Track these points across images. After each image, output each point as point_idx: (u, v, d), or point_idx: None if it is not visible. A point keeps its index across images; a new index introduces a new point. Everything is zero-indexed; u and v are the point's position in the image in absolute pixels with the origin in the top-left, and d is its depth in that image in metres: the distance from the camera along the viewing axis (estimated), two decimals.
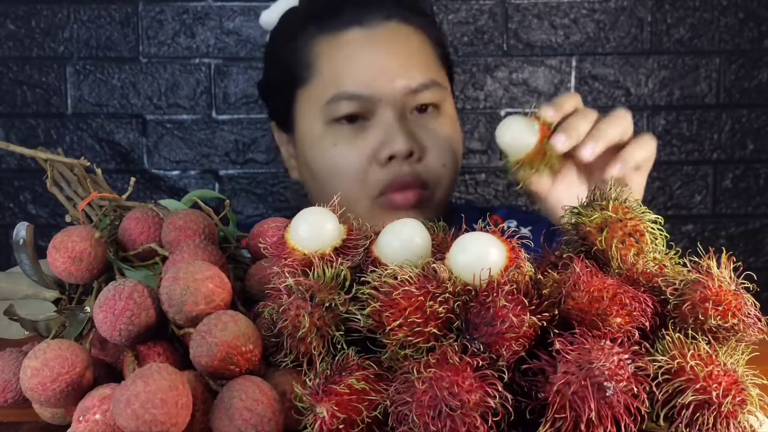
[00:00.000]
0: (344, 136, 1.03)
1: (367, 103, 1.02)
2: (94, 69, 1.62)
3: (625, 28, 1.66)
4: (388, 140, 1.00)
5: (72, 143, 1.63)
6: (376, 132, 1.02)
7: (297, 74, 1.07)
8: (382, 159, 1.00)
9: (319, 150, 1.04)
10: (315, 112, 1.05)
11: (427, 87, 1.04)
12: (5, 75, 1.61)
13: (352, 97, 1.02)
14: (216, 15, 1.62)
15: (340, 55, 1.04)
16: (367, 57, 1.04)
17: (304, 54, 1.07)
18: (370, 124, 1.02)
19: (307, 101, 1.06)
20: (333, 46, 1.05)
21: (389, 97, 1.02)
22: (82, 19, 1.61)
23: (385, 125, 1.01)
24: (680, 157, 1.68)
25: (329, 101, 1.03)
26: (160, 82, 1.63)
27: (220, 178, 1.65)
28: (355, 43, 1.04)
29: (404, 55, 1.05)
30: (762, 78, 1.67)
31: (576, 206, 0.58)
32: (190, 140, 1.64)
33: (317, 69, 1.05)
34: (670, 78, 1.66)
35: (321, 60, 1.05)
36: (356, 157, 1.02)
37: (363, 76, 1.02)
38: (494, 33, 1.65)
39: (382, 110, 1.02)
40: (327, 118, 1.03)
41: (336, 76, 1.03)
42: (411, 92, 1.03)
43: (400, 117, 1.02)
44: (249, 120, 1.64)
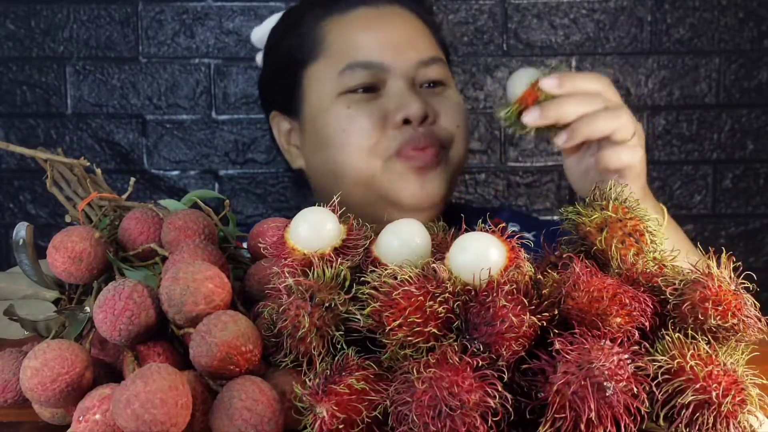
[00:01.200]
0: (358, 100, 1.04)
1: (379, 72, 1.04)
2: (94, 69, 1.62)
3: (625, 28, 1.66)
4: (402, 104, 1.02)
5: (72, 143, 1.63)
6: (389, 100, 1.03)
7: (304, 55, 1.09)
8: (397, 121, 1.01)
9: (331, 115, 1.05)
10: (327, 85, 1.06)
11: (435, 61, 1.07)
12: (5, 75, 1.61)
13: (366, 65, 1.04)
14: (216, 15, 1.62)
15: (351, 28, 1.07)
16: (376, 31, 1.07)
17: (310, 36, 1.09)
18: (382, 93, 1.04)
19: (318, 76, 1.07)
20: (342, 22, 1.08)
21: (401, 68, 1.04)
22: (81, 19, 1.61)
23: (397, 93, 1.03)
24: (680, 157, 1.68)
25: (343, 70, 1.04)
26: (159, 82, 1.63)
27: (220, 178, 1.65)
28: (364, 19, 1.08)
29: (411, 32, 1.08)
30: (762, 78, 1.67)
31: (576, 206, 0.58)
32: (189, 140, 1.64)
33: (327, 45, 1.07)
34: (670, 78, 1.66)
35: (330, 36, 1.07)
36: (369, 117, 1.02)
37: (375, 46, 1.05)
38: (494, 33, 1.65)
39: (393, 81, 1.04)
40: (341, 88, 1.04)
41: (348, 47, 1.06)
42: (421, 64, 1.05)
43: (411, 86, 1.04)
44: (249, 120, 1.64)
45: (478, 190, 1.68)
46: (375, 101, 1.04)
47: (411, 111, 1.01)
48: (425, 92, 1.06)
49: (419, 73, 1.05)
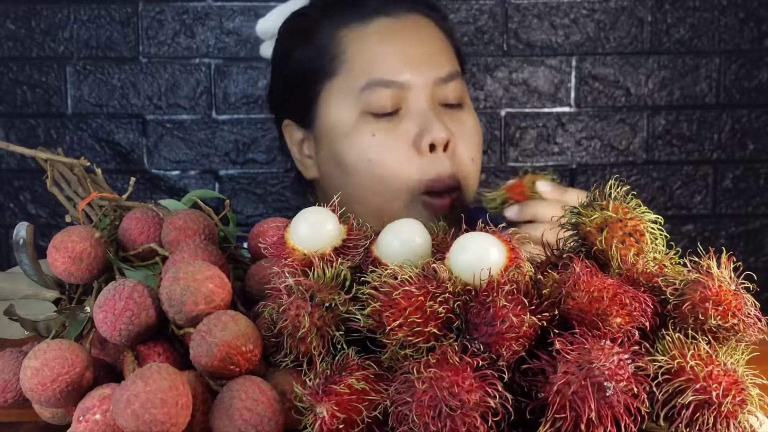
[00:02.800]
0: (381, 128, 1.02)
1: (400, 90, 1.02)
2: (94, 69, 1.62)
3: (625, 28, 1.65)
4: (426, 128, 1.00)
5: (72, 143, 1.63)
6: (410, 121, 1.02)
7: (321, 68, 1.06)
8: (423, 148, 1.00)
9: (354, 142, 1.03)
10: (348, 102, 1.04)
11: (454, 77, 1.06)
12: (5, 75, 1.61)
13: (386, 83, 1.02)
14: (216, 15, 1.62)
15: (370, 42, 1.05)
16: (396, 44, 1.05)
17: (327, 47, 1.06)
18: (402, 113, 1.03)
19: (338, 92, 1.05)
20: (361, 34, 1.05)
21: (421, 85, 1.03)
22: (82, 19, 1.61)
23: (418, 114, 1.02)
24: (680, 157, 1.68)
25: (364, 88, 1.02)
26: (160, 82, 1.63)
27: (220, 178, 1.65)
28: (384, 31, 1.06)
29: (431, 46, 1.07)
30: (762, 78, 1.67)
31: (576, 206, 0.58)
32: (190, 140, 1.64)
33: (346, 59, 1.05)
34: (670, 78, 1.66)
35: (350, 50, 1.05)
36: (396, 146, 1.01)
37: (395, 62, 1.03)
38: (494, 33, 1.65)
39: (413, 98, 1.02)
40: (363, 107, 1.02)
41: (368, 63, 1.04)
42: (440, 81, 1.04)
43: (431, 105, 1.03)
44: (249, 120, 1.64)
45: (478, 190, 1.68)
46: (397, 126, 1.02)
47: (434, 136, 1.00)
48: (443, 113, 1.04)
49: (437, 91, 1.04)
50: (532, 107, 1.66)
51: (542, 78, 1.66)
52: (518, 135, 1.67)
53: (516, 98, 1.66)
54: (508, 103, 1.66)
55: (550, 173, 0.99)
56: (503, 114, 1.66)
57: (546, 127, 1.67)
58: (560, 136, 1.67)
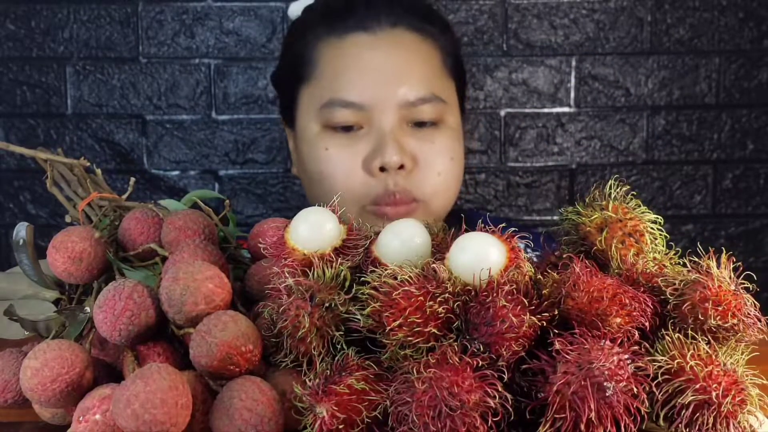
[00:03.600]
0: (337, 143, 1.02)
1: (361, 111, 1.01)
2: (94, 69, 1.62)
3: (625, 28, 1.65)
4: (379, 150, 1.00)
5: (72, 143, 1.63)
6: (368, 141, 1.01)
7: (301, 71, 1.08)
8: (373, 169, 1.00)
9: (312, 151, 1.05)
10: (312, 113, 1.05)
11: (426, 101, 1.03)
12: (5, 75, 1.61)
13: (347, 104, 1.02)
14: (216, 15, 1.62)
15: (341, 58, 1.04)
16: (366, 63, 1.03)
17: (309, 52, 1.07)
18: (363, 132, 1.02)
19: (307, 100, 1.07)
20: (336, 48, 1.05)
21: (384, 107, 1.01)
22: (82, 19, 1.61)
23: (378, 135, 1.01)
24: (680, 157, 1.68)
25: (324, 105, 1.03)
26: (159, 83, 1.63)
27: (220, 178, 1.65)
28: (357, 48, 1.04)
29: (405, 65, 1.04)
30: (762, 78, 1.67)
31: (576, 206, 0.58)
32: (189, 140, 1.64)
33: (319, 70, 1.05)
34: (670, 78, 1.66)
35: (323, 61, 1.05)
36: (346, 164, 1.01)
37: (360, 83, 1.02)
38: (494, 33, 1.65)
39: (377, 119, 1.01)
40: (323, 121, 1.03)
41: (334, 81, 1.03)
42: (408, 104, 1.02)
43: (394, 127, 1.01)
44: (249, 120, 1.64)
45: (478, 190, 1.68)
46: (354, 143, 1.02)
47: (386, 159, 0.99)
48: (412, 133, 1.02)
49: (406, 112, 1.02)
50: (531, 107, 1.66)
51: (542, 78, 1.66)
52: (518, 135, 1.67)
53: (516, 98, 1.66)
54: (508, 103, 1.66)
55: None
56: (503, 114, 1.66)
57: (546, 128, 1.67)
58: (560, 136, 1.67)
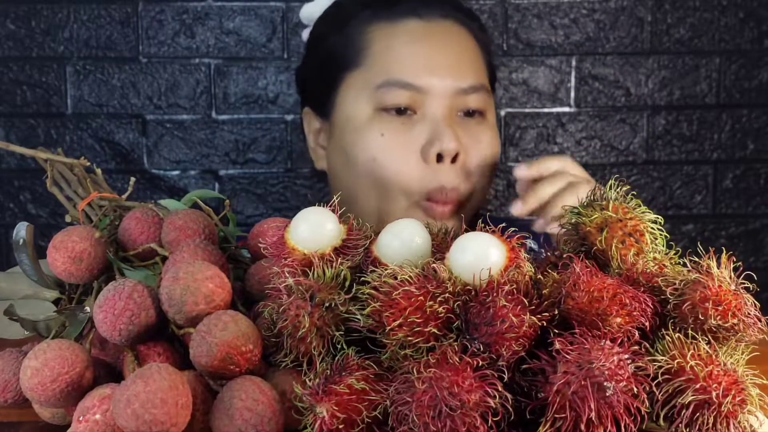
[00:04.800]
0: (392, 128, 1.01)
1: (417, 94, 1.01)
2: (94, 69, 1.62)
3: (625, 28, 1.65)
4: (436, 137, 1.00)
5: (72, 143, 1.63)
6: (423, 127, 1.01)
7: (346, 58, 1.07)
8: (430, 157, 0.99)
9: (363, 138, 1.03)
10: (363, 97, 1.04)
11: (476, 90, 1.04)
12: (5, 75, 1.61)
13: (404, 85, 1.01)
14: (216, 15, 1.62)
15: (396, 42, 1.04)
16: (422, 48, 1.04)
17: (356, 39, 1.06)
18: (417, 117, 1.02)
19: (355, 85, 1.05)
20: (389, 33, 1.05)
21: (439, 92, 1.01)
22: (82, 19, 1.61)
23: (432, 121, 1.01)
24: (680, 157, 1.68)
25: (380, 85, 1.02)
26: (160, 82, 1.63)
27: (220, 178, 1.65)
28: (412, 33, 1.05)
29: (458, 55, 1.05)
30: (762, 78, 1.67)
31: (576, 206, 0.58)
32: (190, 140, 1.64)
33: (370, 54, 1.05)
34: (670, 78, 1.66)
35: (375, 45, 1.05)
36: (403, 150, 1.01)
37: (416, 66, 1.02)
38: (494, 33, 1.65)
39: (430, 104, 1.01)
40: (376, 103, 1.02)
41: (389, 62, 1.03)
42: (461, 92, 1.03)
43: (447, 114, 1.02)
44: (249, 120, 1.64)
45: None
46: (409, 128, 1.01)
47: (444, 146, 0.99)
48: (460, 121, 1.03)
49: (457, 100, 1.03)
50: (532, 107, 1.66)
51: (542, 78, 1.66)
52: (518, 135, 1.67)
53: (516, 98, 1.66)
54: (508, 103, 1.66)
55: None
56: (503, 114, 1.66)
57: (546, 127, 1.67)
58: (560, 136, 1.67)
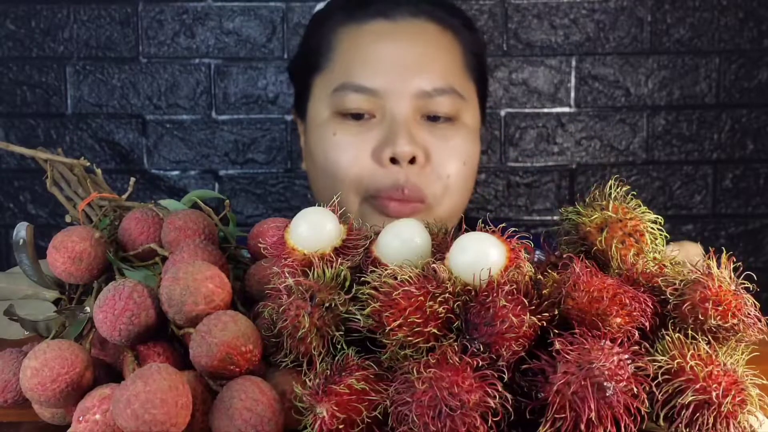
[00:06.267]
0: (346, 129, 0.99)
1: (374, 97, 0.98)
2: (94, 69, 1.62)
3: (625, 28, 1.65)
4: (390, 140, 0.96)
5: (72, 143, 1.63)
6: (380, 130, 0.98)
7: (317, 60, 1.06)
8: (383, 159, 0.96)
9: (319, 137, 1.02)
10: (323, 99, 1.03)
11: (443, 93, 0.99)
12: (5, 75, 1.61)
13: (359, 89, 0.99)
14: (216, 15, 1.62)
15: (359, 44, 1.02)
16: (384, 49, 1.01)
17: (326, 41, 1.05)
18: (376, 121, 0.99)
19: (319, 88, 1.05)
20: (354, 35, 1.03)
21: (399, 95, 0.98)
22: (82, 19, 1.61)
23: (390, 124, 0.98)
24: (680, 157, 1.68)
25: (336, 89, 1.00)
26: (160, 82, 1.63)
27: (220, 178, 1.65)
28: (375, 35, 1.02)
29: (425, 55, 1.01)
30: (762, 78, 1.67)
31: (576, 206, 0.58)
32: (189, 140, 1.64)
33: (334, 56, 1.03)
34: (670, 78, 1.66)
35: (339, 47, 1.03)
36: (353, 151, 0.98)
37: (376, 67, 0.99)
38: (494, 33, 1.65)
39: (390, 107, 0.98)
40: (333, 107, 1.00)
41: (348, 66, 1.01)
42: (424, 94, 0.99)
43: (407, 118, 0.98)
44: (249, 120, 1.64)
45: (478, 190, 1.68)
46: (364, 130, 0.98)
47: (397, 150, 0.95)
48: (425, 127, 0.99)
49: (421, 103, 0.98)
50: (531, 107, 1.66)
51: (542, 78, 1.66)
52: (518, 135, 1.67)
53: (516, 98, 1.66)
54: (508, 103, 1.66)
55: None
56: (503, 114, 1.66)
57: (546, 127, 1.67)
58: (560, 136, 1.67)
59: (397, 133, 0.97)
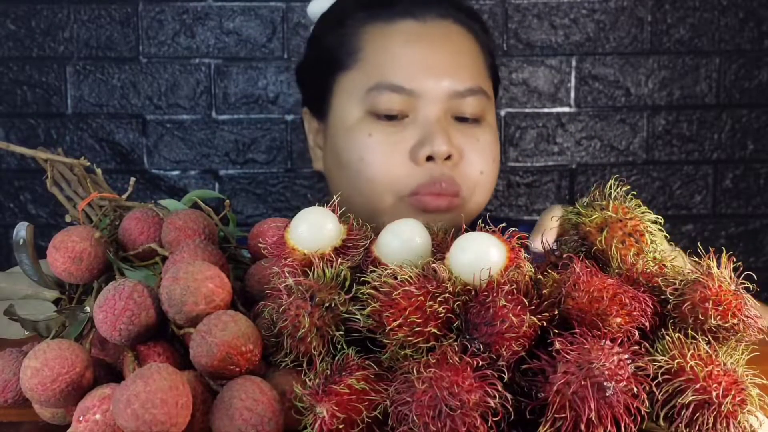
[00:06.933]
0: (380, 129, 1.00)
1: (409, 97, 1.00)
2: (94, 69, 1.62)
3: (625, 28, 1.65)
4: (427, 139, 0.98)
5: (72, 143, 1.63)
6: (414, 130, 0.99)
7: (340, 59, 1.05)
8: (420, 158, 0.98)
9: (352, 138, 1.02)
10: (354, 99, 1.02)
11: (473, 93, 1.02)
12: (5, 75, 1.61)
13: (396, 88, 0.99)
14: (216, 15, 1.62)
15: (390, 44, 1.03)
16: (416, 50, 1.02)
17: (351, 40, 1.05)
18: (409, 121, 1.00)
19: (348, 87, 1.04)
20: (383, 34, 1.03)
21: (433, 95, 1.00)
22: (82, 19, 1.61)
23: (424, 124, 0.99)
24: (680, 157, 1.68)
25: (371, 88, 1.01)
26: (160, 82, 1.63)
27: (220, 178, 1.65)
28: (407, 35, 1.03)
29: (455, 56, 1.03)
30: (762, 78, 1.67)
31: (576, 206, 0.58)
32: (190, 140, 1.64)
33: (363, 55, 1.03)
34: (670, 78, 1.66)
35: (369, 47, 1.03)
36: (390, 150, 0.99)
37: (409, 68, 1.00)
38: (494, 33, 1.65)
39: (423, 108, 1.00)
40: (367, 107, 1.01)
41: (382, 65, 1.01)
42: (457, 95, 1.01)
43: (441, 118, 1.00)
44: (249, 120, 1.64)
45: None
46: (399, 131, 1.00)
47: (435, 149, 0.97)
48: (456, 127, 1.01)
49: (452, 104, 1.00)
50: (532, 107, 1.66)
51: (542, 78, 1.66)
52: (518, 135, 1.67)
53: (516, 98, 1.66)
54: (508, 103, 1.66)
55: None
56: (503, 114, 1.66)
57: (546, 127, 1.67)
58: (560, 136, 1.67)
59: (435, 133, 0.98)
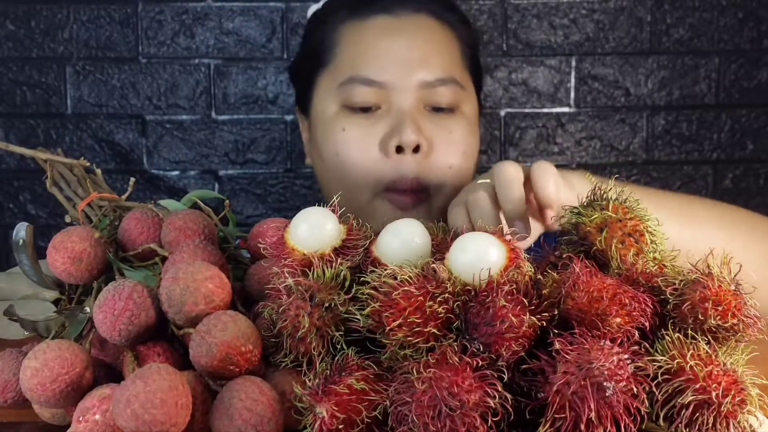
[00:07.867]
0: (354, 123, 1.02)
1: (381, 89, 1.02)
2: (94, 69, 1.62)
3: (625, 28, 1.65)
4: (396, 130, 1.00)
5: (72, 143, 1.62)
6: (387, 121, 1.01)
7: (320, 56, 1.08)
8: (389, 149, 1.00)
9: (328, 133, 1.04)
10: (330, 94, 1.05)
11: (445, 83, 1.04)
12: (5, 75, 1.61)
13: (367, 82, 1.02)
14: (215, 15, 1.62)
15: (362, 39, 1.05)
16: (387, 43, 1.05)
17: (330, 36, 1.08)
18: (382, 112, 1.02)
19: (324, 83, 1.07)
20: (357, 30, 1.06)
21: (403, 86, 1.02)
22: (81, 20, 1.61)
23: (396, 115, 1.01)
24: (680, 157, 1.68)
25: (344, 82, 1.03)
26: (159, 83, 1.63)
27: (220, 178, 1.65)
28: (379, 29, 1.06)
29: (426, 48, 1.05)
30: (762, 78, 1.67)
31: (576, 206, 0.58)
32: (189, 140, 1.64)
33: (338, 51, 1.06)
34: (670, 78, 1.66)
35: (344, 42, 1.06)
36: (362, 144, 1.01)
37: (381, 62, 1.03)
38: (494, 33, 1.65)
39: (395, 99, 1.02)
40: (341, 100, 1.03)
41: (354, 60, 1.04)
42: (427, 85, 1.03)
43: (412, 108, 1.02)
44: (249, 120, 1.64)
45: None
46: (372, 123, 1.02)
47: (403, 139, 0.98)
48: (428, 117, 1.03)
49: (424, 94, 1.02)
50: (531, 107, 1.66)
51: (542, 78, 1.66)
52: (518, 135, 1.67)
53: (515, 98, 1.66)
54: (508, 103, 1.66)
55: None
56: (503, 114, 1.66)
57: (546, 127, 1.67)
58: (560, 136, 1.67)
59: (404, 122, 1.00)
